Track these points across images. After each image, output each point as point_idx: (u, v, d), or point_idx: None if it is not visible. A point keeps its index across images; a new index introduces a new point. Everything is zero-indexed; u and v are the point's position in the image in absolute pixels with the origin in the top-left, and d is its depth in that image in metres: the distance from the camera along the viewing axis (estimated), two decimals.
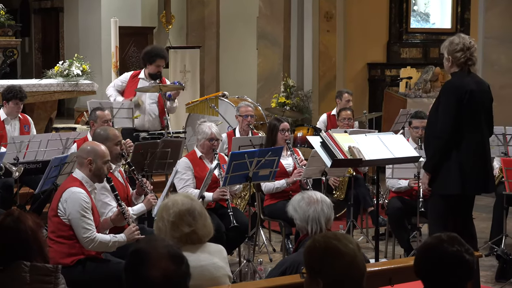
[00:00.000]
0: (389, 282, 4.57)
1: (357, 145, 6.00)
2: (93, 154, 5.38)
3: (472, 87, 5.83)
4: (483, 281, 7.01)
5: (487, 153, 6.02)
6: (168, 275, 2.72)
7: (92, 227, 5.23)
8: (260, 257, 7.47)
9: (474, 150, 5.87)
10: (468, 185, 5.86)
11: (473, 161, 5.86)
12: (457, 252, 3.24)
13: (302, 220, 4.39)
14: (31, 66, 17.62)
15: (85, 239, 5.19)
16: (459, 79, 5.88)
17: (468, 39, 5.90)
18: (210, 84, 15.38)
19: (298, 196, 4.50)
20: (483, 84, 6.04)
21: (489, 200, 9.09)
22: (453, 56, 5.87)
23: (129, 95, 9.19)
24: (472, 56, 5.87)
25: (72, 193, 5.21)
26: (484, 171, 5.94)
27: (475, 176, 5.88)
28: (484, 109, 5.97)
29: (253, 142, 7.87)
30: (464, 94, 5.79)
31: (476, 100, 5.85)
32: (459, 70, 5.88)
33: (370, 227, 8.51)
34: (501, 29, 11.10)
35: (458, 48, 5.84)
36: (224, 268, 4.10)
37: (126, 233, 5.39)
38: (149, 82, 9.16)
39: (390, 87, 13.48)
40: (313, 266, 3.14)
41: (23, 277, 3.46)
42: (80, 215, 5.18)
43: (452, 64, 5.91)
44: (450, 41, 5.92)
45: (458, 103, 5.79)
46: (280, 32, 13.39)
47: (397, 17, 15.00)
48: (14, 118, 8.47)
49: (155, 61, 9.14)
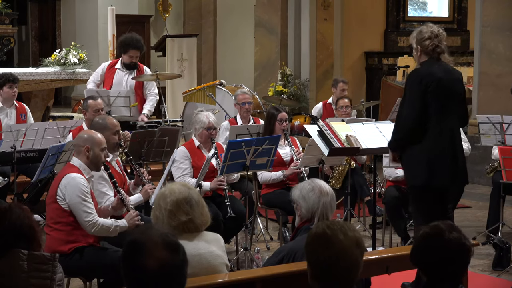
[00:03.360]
0: (386, 271, 4.58)
1: (354, 134, 6.01)
2: (91, 142, 5.40)
3: (439, 75, 5.69)
4: (480, 269, 7.04)
5: (456, 143, 5.81)
6: (164, 264, 2.73)
7: (93, 211, 5.25)
8: (257, 245, 7.48)
9: (441, 140, 5.70)
10: (435, 176, 5.70)
11: (440, 151, 5.70)
12: (458, 239, 3.25)
13: (308, 210, 4.34)
14: (27, 54, 17.59)
15: (87, 223, 5.20)
16: (426, 68, 5.76)
17: (436, 28, 5.83)
18: (207, 73, 15.37)
19: (308, 185, 4.42)
20: (454, 72, 5.87)
21: (486, 188, 9.13)
22: (422, 45, 5.80)
23: (106, 86, 9.13)
24: (441, 44, 5.77)
25: (72, 178, 5.23)
26: (453, 162, 5.75)
27: (442, 167, 5.70)
28: (454, 97, 5.80)
29: (250, 131, 7.87)
30: (430, 82, 5.65)
31: (444, 89, 5.70)
32: (428, 59, 5.81)
33: (367, 215, 8.52)
34: (499, 18, 11.08)
35: (426, 37, 5.78)
36: (222, 256, 4.11)
37: (127, 219, 5.42)
38: (125, 72, 9.10)
39: (388, 76, 13.48)
40: (306, 253, 3.15)
41: (20, 266, 3.46)
42: (81, 199, 5.19)
43: (420, 53, 5.82)
44: (418, 30, 5.87)
45: (424, 91, 5.65)
46: (277, 20, 13.39)
47: (395, 5, 14.99)
48: (10, 106, 8.44)
49: (128, 52, 9.05)
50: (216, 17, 15.60)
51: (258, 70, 13.75)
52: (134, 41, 9.12)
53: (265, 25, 13.53)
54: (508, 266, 7.01)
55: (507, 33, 11.06)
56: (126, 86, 9.07)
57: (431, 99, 5.67)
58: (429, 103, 5.66)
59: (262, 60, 13.68)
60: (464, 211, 9.30)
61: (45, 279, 3.54)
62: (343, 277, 3.06)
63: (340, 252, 3.04)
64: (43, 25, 17.47)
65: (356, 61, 14.49)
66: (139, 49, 9.15)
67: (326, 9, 13.37)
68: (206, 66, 15.50)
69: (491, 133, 7.92)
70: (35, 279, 3.50)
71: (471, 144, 8.34)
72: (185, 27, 15.55)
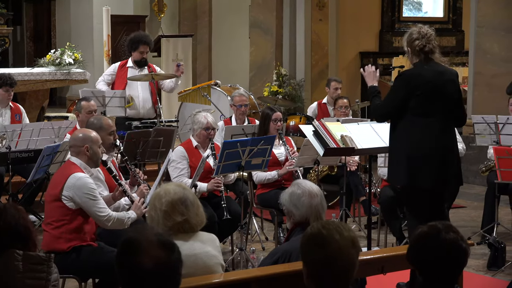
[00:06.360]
0: (381, 271, 4.59)
1: (349, 134, 6.01)
2: (89, 141, 5.46)
3: (428, 77, 5.72)
4: (475, 269, 7.04)
5: (445, 146, 5.81)
6: (159, 263, 2.73)
7: (105, 205, 5.37)
8: (252, 245, 7.49)
9: (426, 142, 5.72)
10: (416, 177, 5.72)
11: (423, 152, 5.71)
12: (454, 240, 3.25)
13: (302, 216, 4.29)
14: (22, 54, 17.56)
15: (103, 218, 5.30)
16: (416, 70, 5.80)
17: (426, 28, 5.87)
18: (202, 73, 15.36)
19: (297, 190, 4.35)
20: (445, 73, 5.87)
21: (481, 188, 9.14)
22: (411, 46, 5.84)
23: (120, 85, 9.16)
24: (429, 43, 5.80)
25: (78, 178, 5.27)
26: (441, 164, 5.74)
27: (424, 168, 5.71)
28: (446, 98, 5.81)
29: (245, 131, 7.87)
30: (418, 84, 5.69)
31: (432, 91, 5.71)
32: (419, 61, 5.84)
33: (363, 215, 8.53)
34: (494, 18, 11.09)
35: (414, 37, 5.82)
36: (217, 256, 4.11)
37: (134, 209, 5.56)
38: (137, 70, 9.15)
39: (383, 76, 13.48)
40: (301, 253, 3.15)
41: (15, 266, 3.46)
42: (92, 197, 5.27)
43: (412, 55, 5.86)
44: (408, 33, 5.93)
45: (410, 93, 5.70)
46: (272, 20, 13.38)
47: (390, 5, 15.00)
48: (5, 107, 8.43)
49: (138, 48, 9.13)
50: (211, 17, 15.60)
51: (253, 71, 13.75)
52: (143, 37, 9.29)
53: (260, 26, 13.53)
54: (503, 266, 7.02)
55: (502, 33, 11.07)
56: (140, 83, 9.10)
57: (419, 101, 5.70)
58: (416, 105, 5.70)
59: (257, 60, 13.68)
60: (459, 211, 9.31)
61: (40, 280, 3.55)
62: (339, 277, 3.06)
63: (337, 252, 3.04)
64: (38, 25, 17.44)
65: (351, 61, 14.50)
66: (148, 44, 9.28)
67: (321, 9, 13.38)
68: (201, 66, 15.49)
69: (486, 133, 7.94)
70: (30, 280, 3.50)
71: (466, 144, 8.35)
72: (180, 27, 15.54)
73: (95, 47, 13.88)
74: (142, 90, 9.14)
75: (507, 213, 8.57)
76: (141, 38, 9.21)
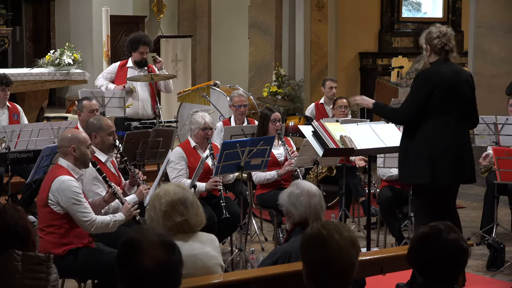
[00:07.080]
0: (380, 271, 4.58)
1: (348, 134, 6.01)
2: (76, 141, 5.38)
3: (447, 77, 5.79)
4: (474, 270, 7.04)
5: (461, 143, 5.90)
6: (160, 263, 2.73)
7: (90, 210, 5.26)
8: (252, 246, 7.48)
9: (444, 140, 5.79)
10: (437, 175, 5.78)
11: (442, 150, 5.78)
12: (455, 241, 3.25)
13: (301, 216, 4.28)
14: (22, 55, 17.55)
15: (86, 223, 5.20)
16: (435, 69, 5.86)
17: (445, 28, 5.93)
18: (201, 73, 15.36)
19: (296, 190, 4.35)
20: (462, 73, 5.97)
21: (480, 189, 9.12)
22: (431, 44, 5.88)
23: (119, 85, 9.16)
24: (449, 42, 5.85)
25: (62, 181, 5.20)
26: (458, 161, 5.84)
27: (444, 166, 5.79)
28: (462, 98, 5.87)
29: (244, 131, 7.87)
30: (437, 83, 5.75)
31: (450, 90, 5.78)
32: (438, 59, 5.87)
33: (362, 216, 8.53)
34: (493, 18, 11.10)
35: (434, 36, 5.86)
36: (216, 257, 4.11)
37: (123, 212, 5.44)
38: (137, 70, 9.16)
39: (382, 76, 13.49)
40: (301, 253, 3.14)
41: (15, 266, 3.45)
42: (75, 201, 5.18)
43: (430, 53, 5.91)
44: (427, 31, 5.96)
45: (429, 93, 5.75)
46: (271, 21, 13.38)
47: (389, 6, 15.01)
48: (2, 107, 8.43)
49: (138, 48, 9.16)
50: (210, 18, 15.59)
51: (253, 71, 13.75)
52: (143, 37, 9.33)
53: (259, 26, 13.53)
54: (502, 266, 7.02)
55: (501, 34, 11.07)
56: (140, 84, 9.11)
57: (437, 100, 5.74)
58: (434, 104, 5.74)
59: (256, 61, 13.68)
60: (459, 211, 9.24)
61: (40, 280, 3.54)
62: (339, 278, 3.05)
63: (337, 252, 3.03)
64: (37, 26, 17.42)
65: (350, 61, 14.50)
66: (148, 45, 9.30)
67: (320, 10, 13.38)
68: (201, 67, 15.49)
69: (486, 133, 7.94)
70: (30, 280, 3.50)
71: None
72: (180, 28, 15.53)
73: (95, 48, 13.87)
74: (141, 91, 9.15)
75: (506, 213, 8.57)
76: (141, 39, 9.22)
